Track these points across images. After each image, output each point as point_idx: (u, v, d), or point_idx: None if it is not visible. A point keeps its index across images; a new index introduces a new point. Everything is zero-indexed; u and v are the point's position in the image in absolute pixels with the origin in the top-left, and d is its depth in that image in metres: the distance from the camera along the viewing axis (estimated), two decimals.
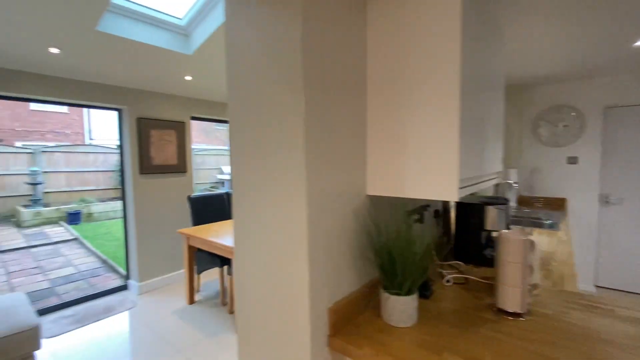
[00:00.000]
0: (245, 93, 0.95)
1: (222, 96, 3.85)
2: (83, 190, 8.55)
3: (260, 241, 0.93)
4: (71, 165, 8.40)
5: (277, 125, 0.86)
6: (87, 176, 8.67)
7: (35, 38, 2.18)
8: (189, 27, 2.76)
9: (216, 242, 2.54)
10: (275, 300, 0.90)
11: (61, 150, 8.34)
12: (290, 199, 0.83)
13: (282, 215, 0.86)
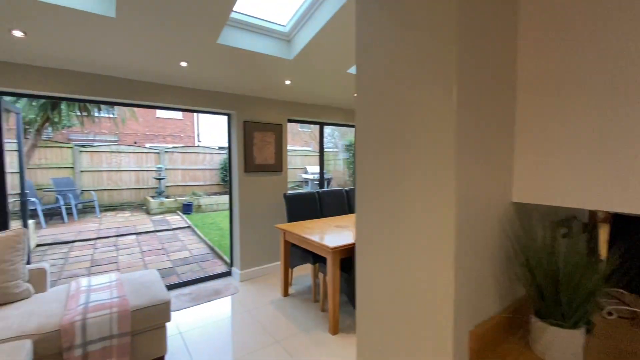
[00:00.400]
0: (379, 94, 0.90)
1: (315, 99, 3.96)
2: (194, 185, 9.94)
3: (391, 250, 0.86)
4: (185, 164, 9.84)
5: (420, 128, 0.78)
6: (197, 173, 10.04)
7: (170, 54, 2.55)
8: (291, 33, 2.89)
9: (311, 239, 2.60)
10: (406, 317, 0.82)
11: (179, 151, 9.84)
12: (433, 205, 0.74)
13: (421, 223, 0.77)
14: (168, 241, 5.48)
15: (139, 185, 9.13)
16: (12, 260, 2.04)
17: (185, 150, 10.00)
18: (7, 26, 1.99)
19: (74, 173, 8.14)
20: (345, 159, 8.89)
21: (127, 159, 9.00)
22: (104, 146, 8.98)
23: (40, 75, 2.50)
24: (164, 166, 9.18)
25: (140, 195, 9.15)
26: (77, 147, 8.25)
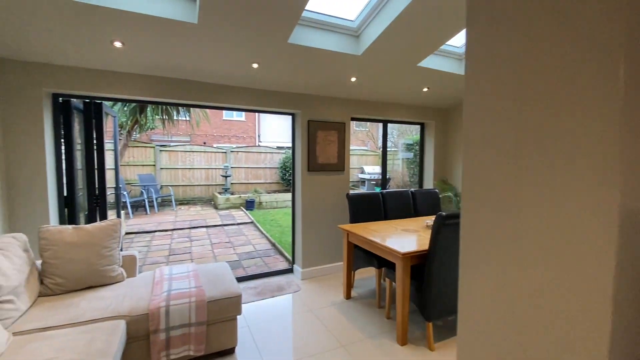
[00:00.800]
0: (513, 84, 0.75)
1: (380, 95, 3.82)
2: (256, 183, 10.44)
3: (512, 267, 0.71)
4: (249, 163, 10.38)
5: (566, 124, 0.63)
6: (259, 171, 10.53)
7: (244, 56, 2.64)
8: (360, 28, 2.79)
9: (378, 242, 2.48)
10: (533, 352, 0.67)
11: (243, 150, 10.42)
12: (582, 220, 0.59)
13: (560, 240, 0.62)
14: (234, 235, 5.79)
15: (208, 182, 9.89)
16: (110, 246, 2.29)
17: (248, 149, 10.55)
18: (110, 38, 2.23)
19: (155, 170, 9.12)
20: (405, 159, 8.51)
21: (199, 157, 9.80)
22: (179, 146, 9.90)
23: (132, 81, 2.78)
24: (229, 165, 9.80)
25: (209, 191, 9.90)
26: (158, 147, 9.23)
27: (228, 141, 16.25)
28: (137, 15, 2.03)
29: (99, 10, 1.95)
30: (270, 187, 10.64)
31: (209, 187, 9.92)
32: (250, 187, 10.30)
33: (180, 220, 6.98)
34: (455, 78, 3.48)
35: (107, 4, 1.93)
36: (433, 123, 4.50)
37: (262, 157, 10.63)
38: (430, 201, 3.84)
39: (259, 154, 10.61)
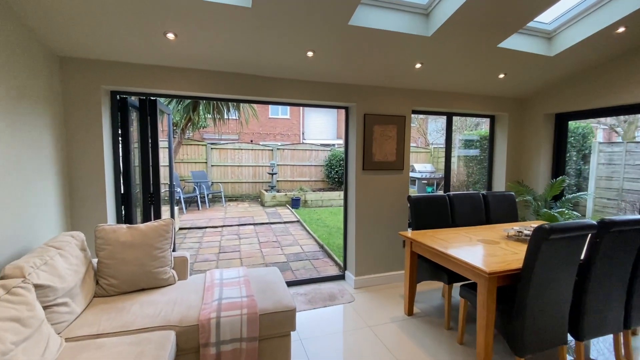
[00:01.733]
0: None
1: (445, 85, 3.37)
2: (301, 180, 10.36)
3: None
4: (294, 160, 10.32)
5: None
6: (304, 169, 10.42)
7: (299, 43, 2.40)
8: (430, 5, 2.41)
9: (454, 256, 2.10)
10: None
11: (288, 148, 10.38)
12: None
13: None
14: (280, 234, 5.68)
15: (255, 179, 10.01)
16: (162, 247, 2.20)
17: (294, 147, 10.48)
18: (162, 29, 2.12)
19: (206, 167, 9.44)
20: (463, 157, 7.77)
21: (247, 155, 9.95)
22: (229, 144, 10.13)
23: (185, 76, 2.69)
24: (275, 162, 9.81)
25: (256, 188, 10.02)
26: (209, 145, 9.53)
27: (273, 139, 16.49)
28: (188, 2, 1.87)
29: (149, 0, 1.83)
30: (316, 185, 10.48)
31: (256, 185, 10.04)
32: (296, 185, 10.23)
33: (229, 217, 7.08)
34: (540, 60, 2.93)
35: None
36: (506, 115, 3.91)
37: (308, 155, 10.50)
38: (505, 206, 3.31)
39: (304, 151, 10.49)
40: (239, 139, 14.34)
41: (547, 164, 3.80)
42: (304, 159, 10.46)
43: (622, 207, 5.22)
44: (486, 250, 2.21)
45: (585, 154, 5.95)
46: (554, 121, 3.77)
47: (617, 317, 2.04)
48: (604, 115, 3.31)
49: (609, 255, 1.91)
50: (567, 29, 2.69)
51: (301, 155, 10.45)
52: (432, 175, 9.86)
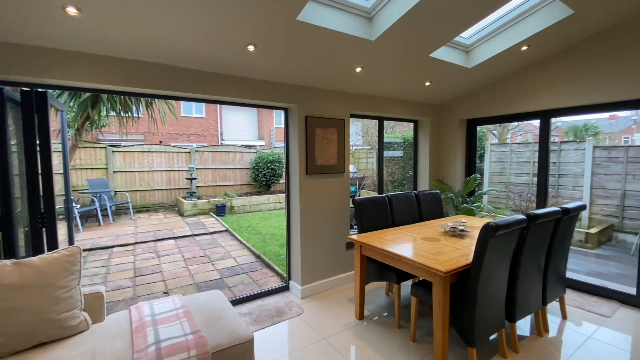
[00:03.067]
0: None
1: (381, 90, 3.48)
2: (225, 185, 9.67)
3: None
4: (216, 163, 9.58)
5: None
6: (228, 173, 9.77)
7: (239, 35, 2.14)
8: (373, 10, 2.42)
9: (408, 258, 2.13)
10: None
11: (209, 150, 9.58)
12: None
13: None
14: (208, 247, 5.15)
15: (170, 185, 8.94)
16: (67, 286, 1.68)
17: (215, 149, 9.73)
18: (60, 2, 1.62)
19: (107, 174, 8.01)
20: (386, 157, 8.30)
21: (159, 158, 8.81)
22: (136, 145, 8.82)
23: (91, 64, 2.14)
24: (194, 166, 8.94)
25: (171, 196, 8.96)
26: (110, 147, 8.12)
27: (187, 139, 15.09)
28: None
29: None
30: (242, 190, 9.94)
31: (172, 192, 8.98)
32: (219, 190, 9.52)
33: (142, 232, 6.12)
34: (459, 71, 3.26)
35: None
36: (428, 120, 4.28)
37: (231, 157, 9.87)
38: (433, 203, 3.60)
39: (227, 153, 9.83)
40: (145, 140, 12.68)
41: (461, 163, 4.29)
42: (227, 161, 9.81)
43: (511, 197, 6.29)
44: (431, 248, 2.32)
45: (481, 153, 6.99)
46: (465, 126, 4.28)
47: (537, 297, 2.37)
48: (504, 121, 3.88)
49: (532, 244, 2.19)
50: (483, 44, 3.05)
51: (223, 158, 9.77)
52: (355, 175, 10.36)
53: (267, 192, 9.70)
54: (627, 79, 2.72)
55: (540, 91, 3.29)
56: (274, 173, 9.68)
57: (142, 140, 12.59)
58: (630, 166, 5.10)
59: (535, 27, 2.65)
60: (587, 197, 5.49)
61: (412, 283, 2.42)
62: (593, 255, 4.75)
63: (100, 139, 10.22)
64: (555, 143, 5.97)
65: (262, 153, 9.93)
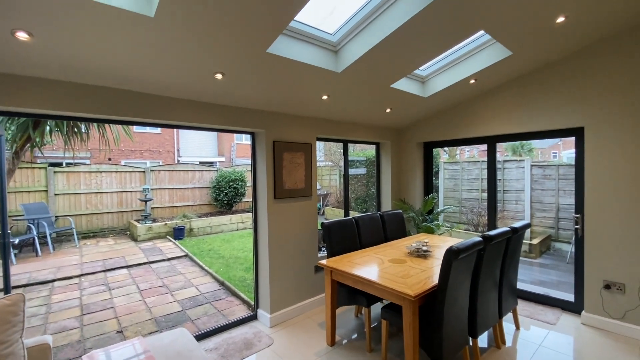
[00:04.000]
0: None
1: (345, 115, 3.62)
2: (183, 205, 9.19)
3: None
4: (173, 183, 9.11)
5: None
6: (186, 192, 9.32)
7: (208, 64, 2.12)
8: (339, 44, 2.54)
9: (376, 282, 2.19)
10: None
11: (166, 169, 9.09)
12: None
13: None
14: (167, 275, 4.82)
15: (122, 208, 8.28)
16: (7, 341, 1.48)
17: (173, 168, 9.27)
18: (10, 25, 1.50)
19: (47, 197, 7.24)
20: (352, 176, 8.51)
21: (109, 179, 8.16)
22: (82, 165, 8.11)
23: (46, 90, 1.98)
24: (149, 186, 8.42)
25: (123, 219, 8.30)
26: (50, 168, 7.37)
27: (140, 157, 14.19)
28: None
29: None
30: (201, 210, 9.51)
31: (123, 214, 8.32)
32: (177, 211, 9.02)
33: (88, 262, 5.56)
34: (416, 99, 3.51)
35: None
36: (389, 143, 4.50)
37: (190, 176, 9.45)
38: (397, 223, 3.75)
39: (185, 172, 9.40)
40: (92, 157, 11.70)
41: (420, 183, 4.55)
42: (186, 180, 9.38)
43: (464, 212, 6.75)
44: (399, 270, 2.41)
45: (436, 171, 7.46)
46: (422, 148, 4.57)
47: (495, 311, 2.55)
48: (457, 145, 4.22)
49: (488, 262, 2.37)
50: (437, 76, 3.32)
51: (182, 177, 9.32)
52: (319, 192, 10.46)
53: (228, 212, 9.39)
54: (555, 112, 3.13)
55: (487, 118, 3.65)
56: (237, 192, 9.44)
57: (89, 158, 11.61)
58: (561, 182, 5.78)
59: (481, 64, 2.96)
60: (528, 210, 6.08)
61: (382, 306, 2.48)
62: (536, 264, 5.23)
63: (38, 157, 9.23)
64: (499, 162, 6.59)
65: (223, 172, 9.65)
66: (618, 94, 2.77)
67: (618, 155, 2.78)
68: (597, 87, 2.87)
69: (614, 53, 2.76)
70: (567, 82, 3.04)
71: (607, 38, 2.77)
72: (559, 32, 2.50)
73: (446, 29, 2.22)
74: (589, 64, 2.90)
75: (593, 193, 2.93)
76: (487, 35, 2.69)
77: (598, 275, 2.92)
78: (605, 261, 2.87)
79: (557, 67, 3.09)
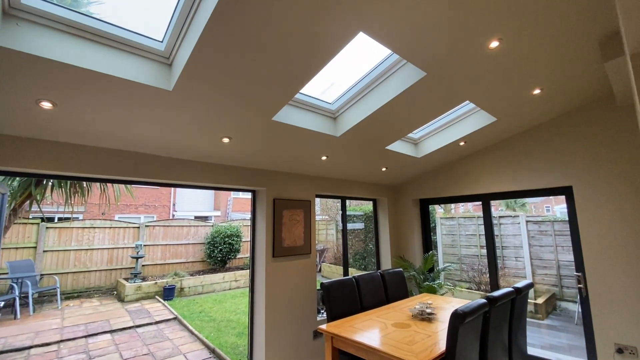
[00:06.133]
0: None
1: (343, 173, 3.76)
2: (175, 263, 8.88)
3: None
4: (167, 239, 8.92)
5: None
6: (180, 249, 9.08)
7: (217, 130, 2.27)
8: (337, 112, 2.76)
9: (383, 351, 2.08)
10: None
11: (161, 225, 8.98)
12: None
13: None
14: (153, 341, 4.49)
15: (111, 265, 7.96)
16: None
17: (168, 223, 9.16)
18: (35, 96, 1.64)
19: (35, 254, 6.99)
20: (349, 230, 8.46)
21: (102, 235, 7.99)
22: (76, 221, 7.99)
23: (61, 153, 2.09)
24: (142, 243, 8.22)
25: (111, 277, 7.92)
26: (43, 224, 7.25)
27: (135, 211, 14.04)
28: (86, 73, 1.54)
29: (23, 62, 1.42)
30: (194, 267, 9.17)
31: (112, 272, 7.97)
32: (169, 269, 8.68)
33: (70, 325, 5.18)
34: (410, 159, 3.68)
35: (36, 52, 1.40)
36: (386, 199, 4.60)
37: (185, 232, 9.30)
38: (398, 283, 3.65)
39: (180, 227, 9.27)
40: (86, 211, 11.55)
41: (419, 239, 4.54)
42: (180, 236, 9.19)
43: (465, 269, 6.61)
44: (404, 336, 2.29)
45: (433, 226, 7.47)
46: (419, 204, 4.66)
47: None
48: (452, 202, 4.32)
49: (495, 325, 2.29)
50: (429, 139, 3.54)
51: (176, 233, 9.15)
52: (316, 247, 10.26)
53: (221, 270, 9.05)
54: (543, 172, 3.29)
55: (480, 177, 3.80)
56: (231, 248, 9.21)
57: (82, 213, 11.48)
58: (558, 238, 5.79)
59: (468, 128, 3.19)
60: (528, 267, 5.99)
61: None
62: (544, 326, 4.99)
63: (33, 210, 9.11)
64: (495, 217, 6.65)
65: (219, 227, 9.53)
66: (602, 152, 2.95)
67: (609, 211, 2.87)
68: (580, 147, 3.07)
69: (588, 120, 3.02)
70: (552, 143, 3.25)
71: (581, 104, 3.04)
72: (537, 101, 2.77)
73: (435, 99, 2.45)
74: (569, 128, 3.14)
75: (591, 250, 2.95)
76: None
77: (609, 338, 2.80)
78: (615, 322, 2.78)
79: (540, 130, 3.33)
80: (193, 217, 14.43)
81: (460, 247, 6.93)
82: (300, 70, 1.83)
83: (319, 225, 11.65)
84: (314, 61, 1.78)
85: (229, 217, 15.19)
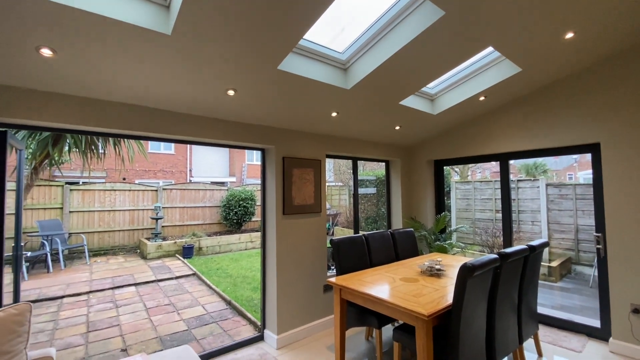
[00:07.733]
0: None
1: (354, 133, 3.64)
2: (193, 224, 9.23)
3: None
4: (185, 202, 9.20)
5: None
6: (197, 211, 9.39)
7: (221, 81, 2.19)
8: (348, 62, 2.60)
9: (389, 301, 2.10)
10: None
11: (178, 188, 9.23)
12: None
13: None
14: (174, 293, 4.77)
15: (133, 226, 8.37)
16: (12, 351, 1.46)
17: (185, 187, 9.40)
18: (35, 43, 1.59)
19: (62, 214, 7.39)
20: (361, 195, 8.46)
21: (122, 197, 8.32)
22: (98, 184, 8.31)
23: (65, 105, 2.07)
24: (161, 205, 8.52)
25: (134, 237, 8.36)
26: (67, 186, 7.57)
27: (154, 176, 14.49)
28: (86, 15, 1.46)
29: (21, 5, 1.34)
30: (211, 229, 9.52)
31: (134, 232, 8.40)
32: (187, 230, 9.05)
33: (97, 279, 5.57)
34: (426, 117, 3.51)
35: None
36: (399, 160, 4.48)
37: (201, 195, 9.55)
38: (408, 242, 3.65)
39: (196, 191, 9.52)
40: (107, 176, 11.99)
41: (431, 201, 4.47)
42: (197, 199, 9.47)
43: (478, 232, 6.56)
44: (411, 289, 2.31)
45: (447, 190, 7.34)
46: (433, 166, 4.53)
47: (514, 335, 2.40)
48: (467, 162, 4.17)
49: (505, 282, 2.26)
50: (446, 94, 3.34)
51: (193, 196, 9.42)
52: (328, 212, 10.38)
53: (237, 231, 9.37)
54: (568, 128, 3.08)
55: (498, 136, 3.61)
56: (246, 211, 9.45)
57: (104, 178, 11.92)
58: (579, 202, 5.58)
59: (490, 80, 2.97)
60: (545, 231, 5.87)
61: (393, 328, 2.37)
62: (557, 288, 4.97)
63: (56, 175, 9.53)
64: (513, 181, 6.45)
65: (233, 191, 9.73)
66: (635, 106, 2.71)
67: (638, 169, 2.69)
68: (611, 101, 2.83)
69: (625, 67, 2.74)
70: (580, 97, 3.01)
71: (617, 53, 2.76)
72: (569, 48, 2.51)
73: (454, 45, 2.25)
74: (602, 78, 2.88)
75: (614, 211, 2.81)
76: (496, 52, 2.71)
77: (625, 299, 2.74)
78: (632, 283, 2.71)
79: (568, 82, 3.07)
80: (209, 182, 14.80)
81: (475, 211, 6.83)
82: (307, 5, 1.69)
83: (332, 190, 11.70)
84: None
85: (244, 183, 15.45)
